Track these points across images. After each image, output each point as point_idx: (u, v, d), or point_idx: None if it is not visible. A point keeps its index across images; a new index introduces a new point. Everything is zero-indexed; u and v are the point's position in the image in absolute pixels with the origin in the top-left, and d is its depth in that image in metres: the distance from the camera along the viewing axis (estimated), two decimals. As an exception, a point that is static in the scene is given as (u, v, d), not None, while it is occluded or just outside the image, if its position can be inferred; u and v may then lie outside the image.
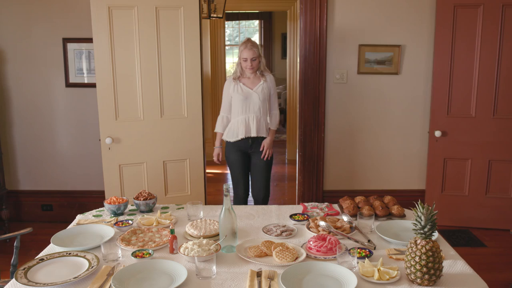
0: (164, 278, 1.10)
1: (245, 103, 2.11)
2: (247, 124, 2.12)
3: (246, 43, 2.10)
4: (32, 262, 1.17)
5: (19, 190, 2.75)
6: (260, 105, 2.12)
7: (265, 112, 2.16)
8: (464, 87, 2.47)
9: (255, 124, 2.12)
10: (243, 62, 2.10)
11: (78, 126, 2.69)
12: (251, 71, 2.11)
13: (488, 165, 2.51)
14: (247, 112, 2.12)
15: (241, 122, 2.12)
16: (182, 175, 2.45)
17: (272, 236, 1.33)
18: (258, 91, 2.12)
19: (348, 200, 1.56)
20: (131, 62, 2.27)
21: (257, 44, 2.14)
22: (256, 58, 2.10)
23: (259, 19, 7.31)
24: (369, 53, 2.56)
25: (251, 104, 2.11)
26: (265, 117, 2.16)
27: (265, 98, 2.14)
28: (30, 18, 2.57)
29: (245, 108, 2.12)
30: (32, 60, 2.62)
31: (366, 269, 1.10)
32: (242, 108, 2.12)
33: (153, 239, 1.32)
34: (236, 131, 2.14)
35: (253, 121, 2.11)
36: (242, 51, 2.10)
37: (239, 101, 2.12)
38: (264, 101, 2.14)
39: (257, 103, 2.11)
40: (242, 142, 2.14)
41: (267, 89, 2.15)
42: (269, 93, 2.16)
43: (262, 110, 2.14)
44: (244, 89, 2.13)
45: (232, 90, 2.15)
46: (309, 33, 2.54)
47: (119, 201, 1.55)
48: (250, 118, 2.12)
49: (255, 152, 2.18)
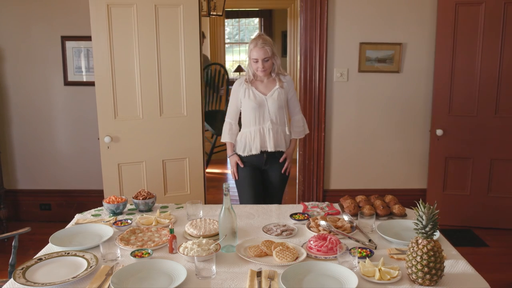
0: (163, 278, 1.09)
1: (258, 111, 1.79)
2: (262, 137, 1.80)
3: (257, 41, 1.75)
4: (31, 261, 1.17)
5: (17, 189, 2.74)
6: (277, 113, 1.79)
7: (282, 122, 1.82)
8: (466, 85, 2.46)
9: (272, 136, 1.79)
10: (254, 63, 1.77)
11: (77, 125, 2.68)
12: (264, 74, 1.79)
13: (490, 164, 2.50)
14: (261, 123, 1.79)
15: (254, 134, 1.80)
16: (181, 174, 2.44)
17: (272, 236, 1.33)
18: (274, 97, 1.79)
19: (349, 200, 1.55)
20: (130, 60, 2.26)
21: (270, 40, 1.79)
22: (269, 59, 1.76)
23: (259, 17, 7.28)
24: (370, 51, 2.54)
25: (266, 112, 1.78)
26: (283, 127, 1.82)
27: (282, 105, 1.81)
28: (28, 16, 2.55)
29: (258, 118, 1.79)
30: (31, 58, 2.60)
31: (367, 269, 1.09)
32: (255, 118, 1.80)
33: (152, 238, 1.31)
34: (249, 145, 1.82)
35: (269, 133, 1.79)
36: (251, 50, 1.76)
37: (251, 109, 1.80)
38: (281, 109, 1.81)
39: (273, 112, 1.78)
40: (255, 157, 1.83)
41: (283, 94, 1.81)
42: (286, 98, 1.84)
43: (279, 120, 1.80)
44: (257, 95, 1.80)
45: (242, 94, 1.82)
46: (309, 31, 2.53)
47: (118, 201, 1.54)
48: (266, 130, 1.79)
49: (270, 168, 1.85)
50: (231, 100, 1.89)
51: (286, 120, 1.85)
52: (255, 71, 1.80)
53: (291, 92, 1.87)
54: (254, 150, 1.81)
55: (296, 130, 1.90)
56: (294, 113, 1.91)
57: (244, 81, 1.84)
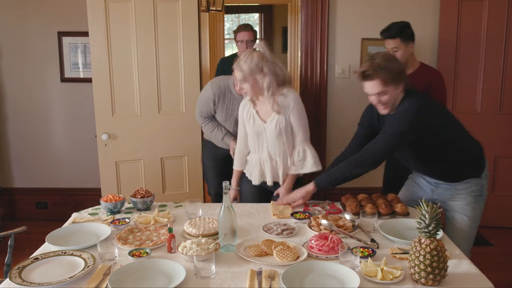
0: (162, 278, 1.08)
1: (257, 139, 1.60)
2: (261, 168, 1.61)
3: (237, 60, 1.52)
4: (27, 261, 1.15)
5: (13, 187, 2.72)
6: (276, 142, 1.56)
7: (284, 152, 1.58)
8: (469, 82, 2.44)
9: (270, 170, 1.59)
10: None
11: (74, 122, 2.65)
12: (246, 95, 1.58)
13: (494, 162, 2.48)
14: (260, 151, 1.61)
15: (255, 164, 1.63)
16: (180, 172, 2.42)
17: (272, 235, 1.31)
18: (272, 126, 1.55)
19: (351, 198, 1.53)
20: (128, 56, 2.23)
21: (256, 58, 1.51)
22: (243, 81, 1.51)
23: (259, 12, 7.23)
24: (372, 47, 2.51)
25: (264, 141, 1.58)
26: (284, 158, 1.59)
27: (281, 133, 1.55)
28: (25, 11, 2.52)
29: (257, 146, 1.61)
30: (27, 54, 2.57)
31: (369, 269, 1.08)
32: (254, 145, 1.62)
33: (150, 238, 1.29)
34: (250, 173, 1.67)
35: (267, 165, 1.59)
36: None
37: (251, 136, 1.63)
38: (280, 137, 1.55)
39: (271, 141, 1.56)
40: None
41: (284, 121, 1.54)
42: (287, 126, 1.55)
43: (277, 150, 1.57)
44: (257, 122, 1.59)
45: (245, 117, 1.63)
46: (310, 27, 2.50)
47: (115, 199, 1.52)
48: (263, 160, 1.60)
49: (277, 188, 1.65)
50: (240, 122, 1.69)
51: (287, 150, 1.59)
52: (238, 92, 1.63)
53: (293, 116, 1.56)
54: (254, 180, 1.64)
55: (294, 163, 1.60)
56: (297, 142, 1.59)
57: (249, 101, 1.63)
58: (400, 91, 1.39)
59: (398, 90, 1.38)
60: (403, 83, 1.38)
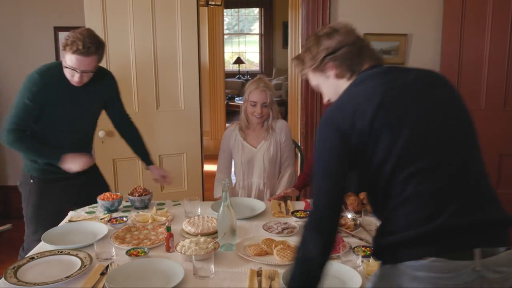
0: (160, 277, 1.06)
1: (247, 166, 1.67)
2: (248, 194, 1.68)
3: (258, 83, 1.62)
4: (22, 261, 1.13)
5: (8, 185, 2.68)
6: (266, 168, 1.64)
7: (274, 177, 1.68)
8: (473, 78, 2.40)
9: (256, 194, 1.66)
10: (250, 107, 1.63)
11: (72, 119, 2.62)
12: (259, 120, 1.65)
13: (499, 159, 2.45)
14: (249, 178, 1.67)
15: (243, 190, 1.69)
16: (178, 170, 2.39)
17: (273, 234, 1.29)
18: (262, 151, 1.65)
19: (353, 196, 1.51)
20: (125, 51, 2.20)
21: (271, 86, 1.68)
22: (268, 105, 1.62)
23: (259, 6, 7.16)
24: (375, 42, 2.47)
25: (254, 167, 1.66)
26: (272, 182, 1.68)
27: (272, 159, 1.66)
28: (20, 6, 2.48)
29: (247, 173, 1.67)
30: (22, 50, 2.54)
31: (371, 268, 1.06)
32: (243, 172, 1.68)
33: (148, 236, 1.28)
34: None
35: (255, 191, 1.66)
36: (251, 92, 1.62)
37: (239, 163, 1.68)
38: (271, 163, 1.65)
39: (261, 167, 1.64)
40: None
41: (274, 148, 1.65)
42: (277, 151, 1.65)
43: (267, 175, 1.66)
44: (247, 149, 1.66)
45: (233, 145, 1.69)
46: (311, 22, 2.46)
47: (113, 197, 1.51)
48: (252, 186, 1.67)
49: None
50: (222, 151, 1.72)
51: (277, 175, 1.69)
52: (250, 115, 1.65)
53: (285, 142, 1.67)
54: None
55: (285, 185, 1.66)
56: (284, 167, 1.69)
57: (238, 129, 1.69)
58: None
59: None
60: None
